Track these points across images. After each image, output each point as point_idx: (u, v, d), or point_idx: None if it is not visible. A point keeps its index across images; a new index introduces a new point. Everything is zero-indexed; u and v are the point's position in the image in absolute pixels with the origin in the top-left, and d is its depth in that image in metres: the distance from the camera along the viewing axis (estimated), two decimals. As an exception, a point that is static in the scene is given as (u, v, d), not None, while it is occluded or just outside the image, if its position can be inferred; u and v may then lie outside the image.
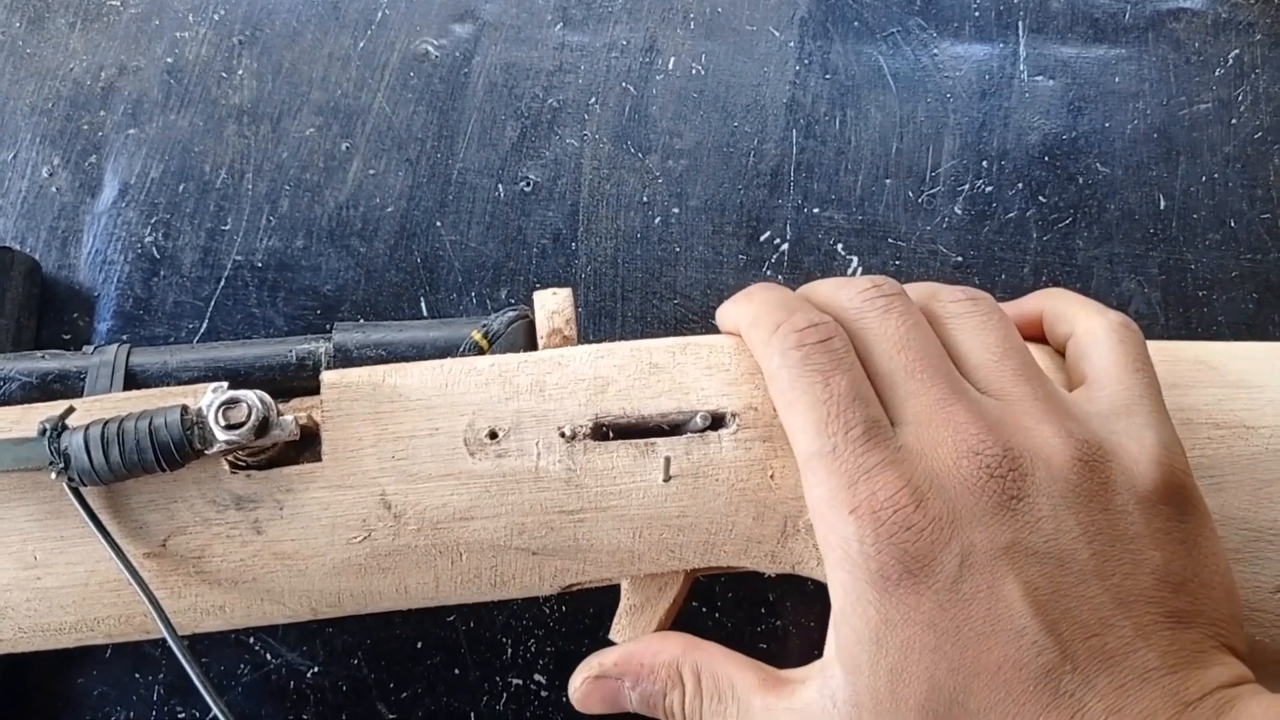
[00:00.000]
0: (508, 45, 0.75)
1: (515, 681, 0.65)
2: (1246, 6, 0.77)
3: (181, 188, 0.71)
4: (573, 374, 0.51)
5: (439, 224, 0.71)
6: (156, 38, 0.75)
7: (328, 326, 0.68)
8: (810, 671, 0.48)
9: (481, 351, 0.54)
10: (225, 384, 0.48)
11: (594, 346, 0.53)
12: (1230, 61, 0.76)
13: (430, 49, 0.75)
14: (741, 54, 0.76)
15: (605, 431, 0.51)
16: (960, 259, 0.72)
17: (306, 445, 0.50)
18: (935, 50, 0.76)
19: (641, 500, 0.50)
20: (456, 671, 0.65)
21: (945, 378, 0.49)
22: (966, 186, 0.73)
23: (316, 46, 0.75)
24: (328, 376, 0.51)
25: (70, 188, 0.71)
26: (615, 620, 0.54)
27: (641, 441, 0.50)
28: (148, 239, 0.70)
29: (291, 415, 0.49)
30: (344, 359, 0.55)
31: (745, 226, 0.72)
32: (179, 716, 0.64)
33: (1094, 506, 0.46)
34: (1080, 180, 0.73)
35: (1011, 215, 0.72)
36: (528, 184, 0.72)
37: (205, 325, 0.69)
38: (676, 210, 0.72)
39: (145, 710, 0.64)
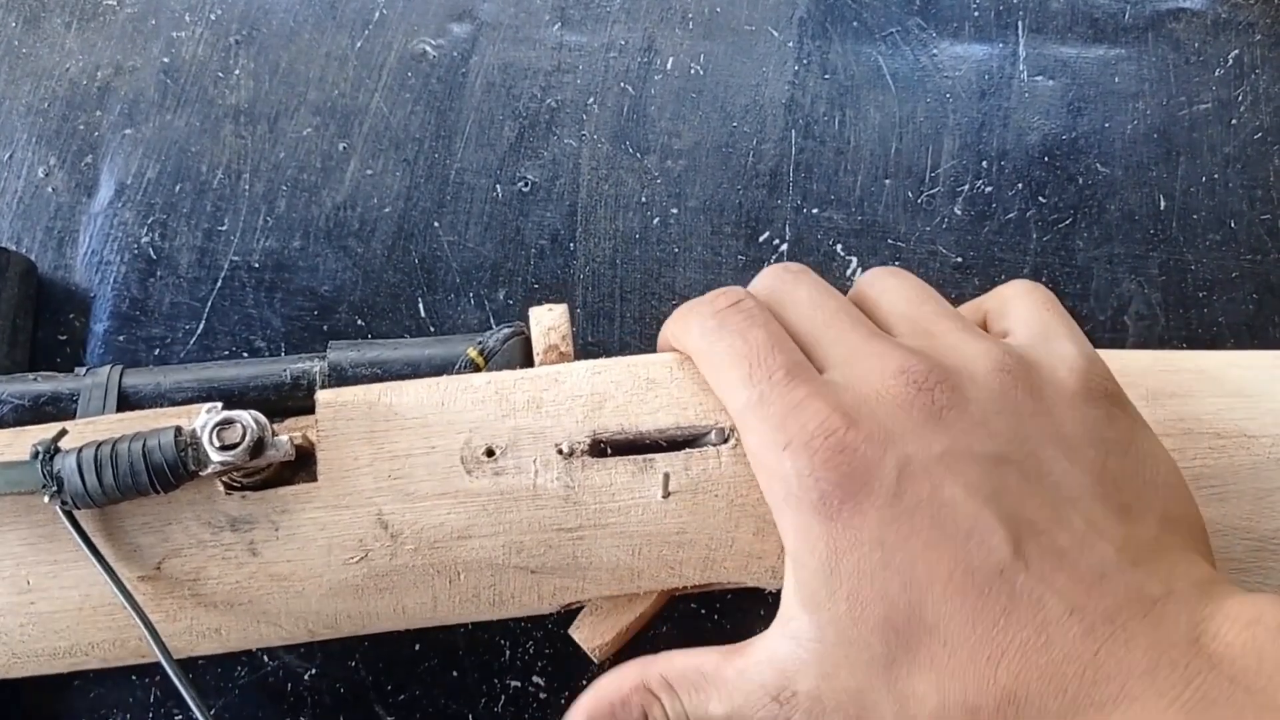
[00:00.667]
0: (505, 45, 0.74)
1: (514, 683, 0.64)
2: (1246, 6, 0.76)
3: (178, 188, 0.70)
4: (570, 390, 0.51)
5: (437, 224, 0.70)
6: (153, 37, 0.74)
7: (324, 328, 0.67)
8: (769, 629, 0.47)
9: (477, 369, 0.53)
10: (219, 405, 0.48)
11: (590, 362, 0.52)
12: (1230, 61, 0.75)
13: (428, 49, 0.74)
14: (740, 54, 0.75)
15: (603, 448, 0.50)
16: (960, 260, 0.71)
17: (302, 465, 0.49)
18: (934, 50, 0.75)
19: (641, 517, 0.49)
20: (454, 674, 0.64)
21: (865, 324, 0.50)
22: (966, 187, 0.72)
23: (313, 46, 0.74)
24: (323, 395, 0.50)
25: (66, 188, 0.70)
26: (578, 619, 0.53)
27: (640, 457, 0.50)
28: (144, 239, 0.69)
29: (286, 435, 0.48)
30: (339, 378, 0.54)
31: (744, 227, 0.71)
32: (175, 718, 0.63)
33: (1023, 411, 0.46)
34: (1080, 180, 0.72)
35: (1011, 216, 0.72)
36: (526, 184, 0.71)
37: (202, 326, 0.68)
38: (675, 211, 0.71)
39: (142, 713, 0.63)
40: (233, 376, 0.54)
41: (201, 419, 0.46)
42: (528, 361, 0.54)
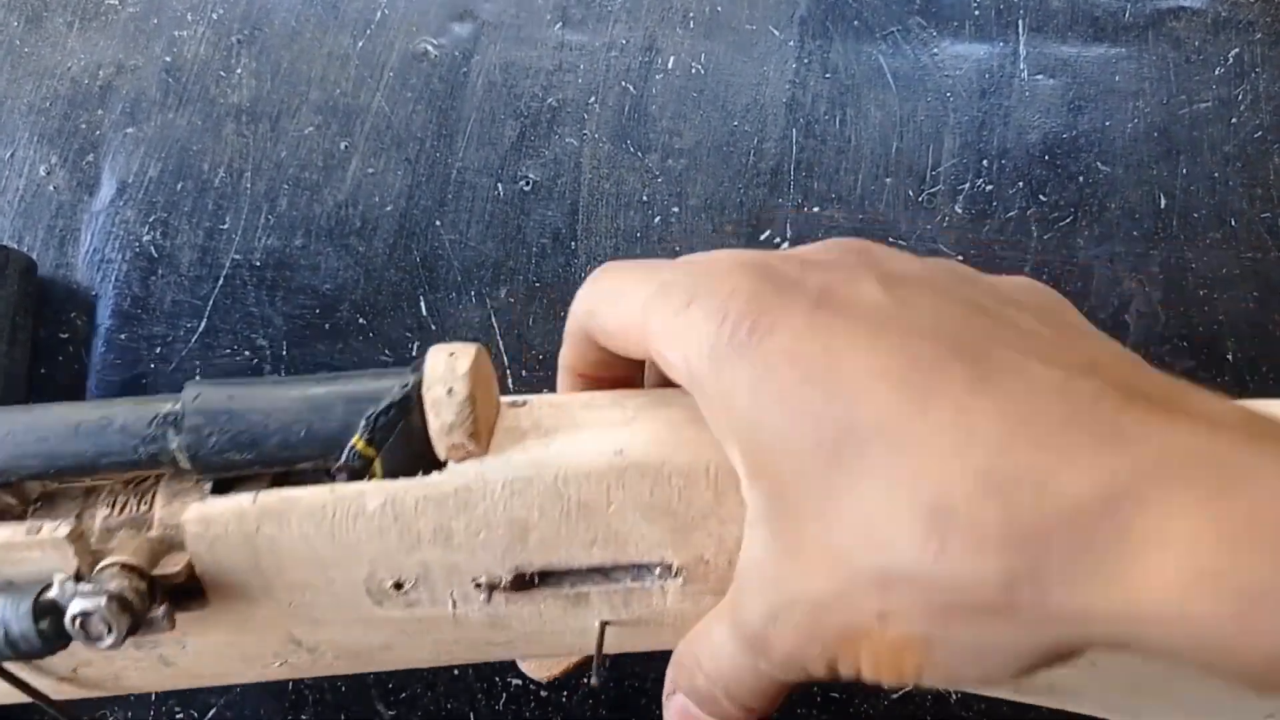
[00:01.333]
0: (507, 44, 0.71)
1: (514, 682, 0.63)
2: (1246, 5, 0.71)
3: (180, 186, 0.68)
4: (483, 517, 0.39)
5: (438, 223, 0.68)
6: (155, 36, 0.71)
7: (326, 326, 0.65)
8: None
9: (368, 463, 0.40)
10: (72, 576, 0.38)
11: (506, 470, 0.39)
12: (1230, 60, 0.70)
13: (429, 48, 0.71)
14: (741, 53, 0.70)
15: (530, 579, 0.40)
16: (960, 258, 0.66)
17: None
18: (935, 49, 0.70)
19: (578, 640, 0.41)
20: (455, 671, 0.63)
21: None
22: (967, 185, 0.68)
23: (315, 45, 0.71)
24: (190, 523, 0.39)
25: (68, 186, 0.69)
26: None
27: (572, 591, 0.41)
28: (146, 238, 0.68)
29: (163, 608, 0.38)
30: (203, 464, 0.40)
31: (745, 226, 0.68)
32: (176, 716, 0.62)
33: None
34: (1081, 179, 0.68)
35: (1012, 214, 0.68)
36: (527, 183, 0.68)
37: (204, 324, 0.66)
38: (676, 209, 0.68)
39: (143, 710, 0.62)
40: (78, 453, 0.41)
41: (57, 590, 0.37)
42: (425, 442, 0.39)
